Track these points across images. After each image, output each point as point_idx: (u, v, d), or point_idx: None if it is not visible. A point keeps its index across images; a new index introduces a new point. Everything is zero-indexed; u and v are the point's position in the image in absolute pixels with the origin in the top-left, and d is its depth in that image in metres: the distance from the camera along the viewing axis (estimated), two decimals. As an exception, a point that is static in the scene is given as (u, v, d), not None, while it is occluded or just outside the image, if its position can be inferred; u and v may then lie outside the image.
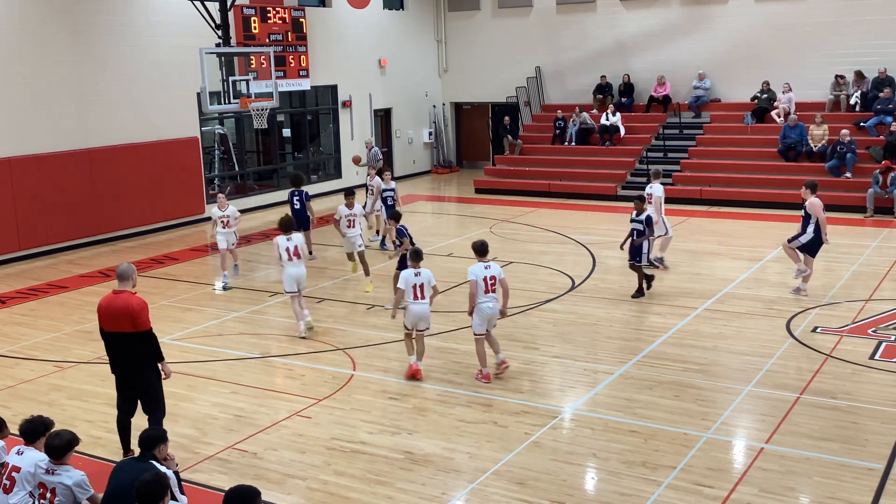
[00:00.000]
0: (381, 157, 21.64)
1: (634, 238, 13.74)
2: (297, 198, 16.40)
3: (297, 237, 12.38)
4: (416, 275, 10.41)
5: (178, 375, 10.81)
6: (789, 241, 13.67)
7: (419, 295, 10.35)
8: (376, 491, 7.80)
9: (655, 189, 15.27)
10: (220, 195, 15.97)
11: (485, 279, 10.21)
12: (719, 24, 24.66)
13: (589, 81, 26.53)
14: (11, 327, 13.19)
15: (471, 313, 10.36)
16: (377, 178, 18.35)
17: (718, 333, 11.86)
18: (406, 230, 13.21)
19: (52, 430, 6.64)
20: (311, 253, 16.65)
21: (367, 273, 14.73)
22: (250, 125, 21.78)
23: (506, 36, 27.99)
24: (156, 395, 8.27)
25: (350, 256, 15.04)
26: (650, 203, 14.95)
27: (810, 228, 13.36)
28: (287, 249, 12.13)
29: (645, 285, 13.83)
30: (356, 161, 21.21)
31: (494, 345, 10.52)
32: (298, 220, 15.29)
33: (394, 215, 13.44)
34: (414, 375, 10.49)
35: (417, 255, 10.79)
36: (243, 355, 11.58)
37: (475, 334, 10.40)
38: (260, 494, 5.47)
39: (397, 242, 13.14)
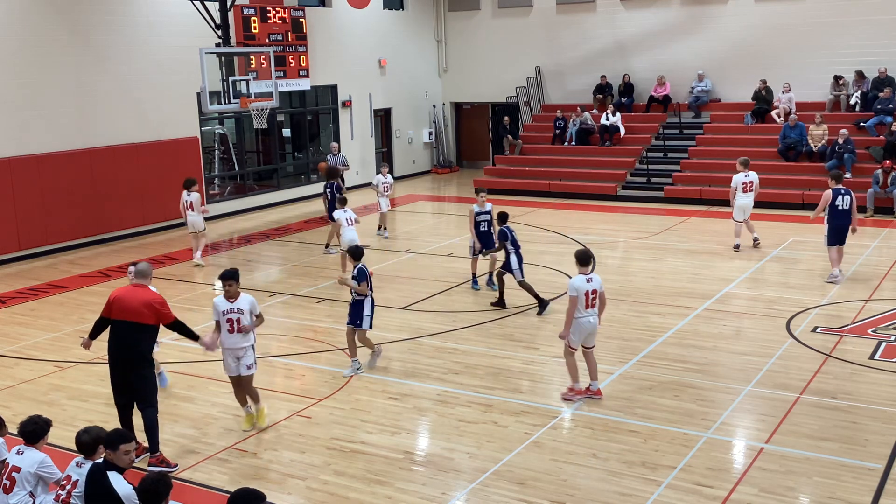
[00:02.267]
0: (347, 161, 21.42)
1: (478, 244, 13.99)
2: (329, 189, 17.92)
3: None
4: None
5: (178, 375, 10.82)
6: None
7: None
8: (376, 491, 7.80)
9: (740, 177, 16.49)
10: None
11: (587, 294, 9.35)
12: (719, 24, 24.66)
13: (589, 81, 26.53)
14: (11, 327, 13.19)
15: (567, 335, 9.52)
16: (378, 176, 19.11)
17: (718, 333, 11.86)
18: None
19: (81, 428, 6.62)
20: (327, 245, 17.75)
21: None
22: (250, 125, 21.78)
23: (506, 36, 27.99)
24: (150, 390, 8.38)
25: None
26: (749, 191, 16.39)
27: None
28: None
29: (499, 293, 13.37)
30: (322, 169, 20.65)
31: (593, 369, 9.70)
32: (330, 211, 17.37)
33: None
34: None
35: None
36: (243, 355, 11.56)
37: (570, 348, 9.58)
38: (265, 498, 5.33)
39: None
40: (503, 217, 13.28)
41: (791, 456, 8.21)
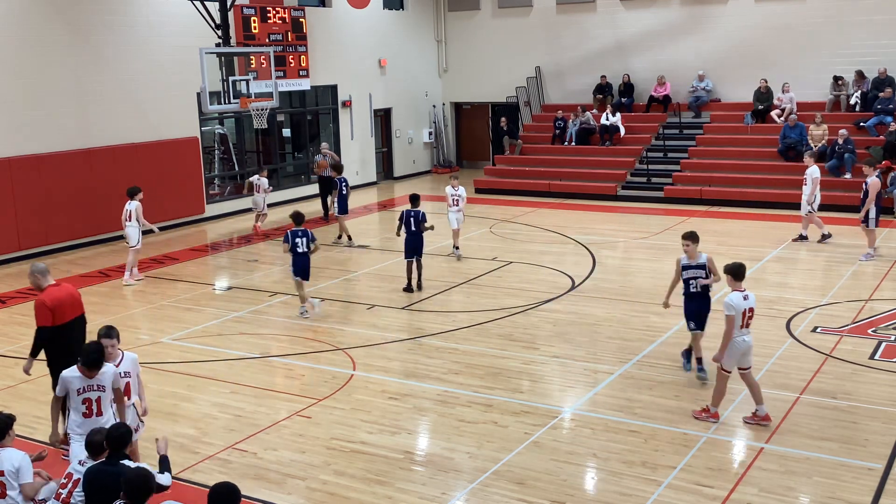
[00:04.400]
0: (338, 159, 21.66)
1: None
2: (344, 184, 18.40)
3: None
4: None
5: (178, 375, 10.83)
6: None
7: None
8: (376, 491, 7.80)
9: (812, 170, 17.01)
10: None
11: (744, 313, 8.70)
12: (719, 24, 24.65)
13: (589, 81, 26.53)
14: (11, 327, 13.19)
15: (721, 358, 8.81)
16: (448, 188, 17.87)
17: (718, 333, 11.81)
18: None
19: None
20: (343, 237, 18.43)
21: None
22: (250, 125, 21.78)
23: (506, 36, 27.99)
24: None
25: None
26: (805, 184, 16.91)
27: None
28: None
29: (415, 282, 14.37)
30: (323, 167, 20.74)
31: (756, 392, 8.95)
32: (341, 205, 18.24)
33: None
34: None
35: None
36: (243, 355, 11.58)
37: (725, 370, 8.87)
38: (240, 492, 5.42)
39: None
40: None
41: (791, 456, 8.21)
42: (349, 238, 18.33)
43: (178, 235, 20.01)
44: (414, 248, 14.30)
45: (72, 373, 7.13)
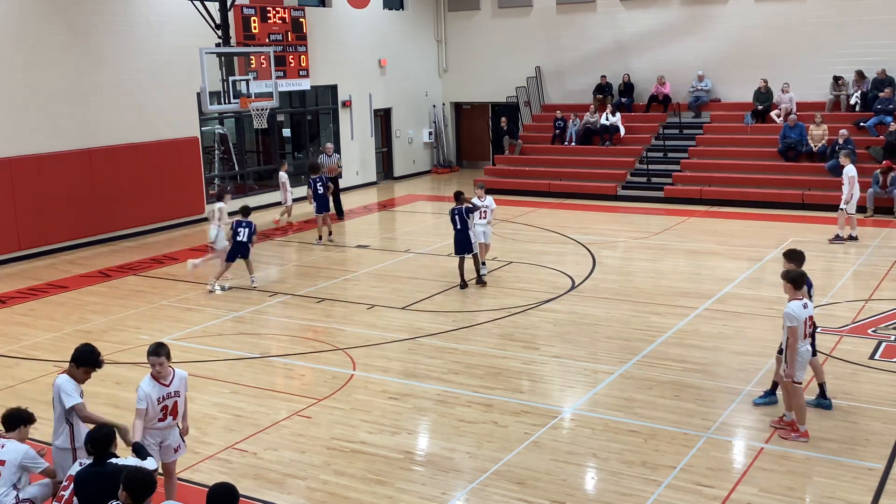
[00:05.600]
0: (341, 163, 21.86)
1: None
2: (320, 183, 18.56)
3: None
4: (804, 306, 8.36)
5: (178, 375, 10.82)
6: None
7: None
8: (376, 491, 7.80)
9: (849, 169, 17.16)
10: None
11: (804, 322, 8.33)
12: (719, 24, 24.65)
13: (589, 81, 26.52)
14: (11, 327, 13.19)
15: (793, 373, 8.35)
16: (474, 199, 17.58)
17: (718, 333, 11.86)
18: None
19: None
20: (323, 237, 18.72)
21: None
22: (250, 125, 21.77)
23: (506, 36, 27.99)
24: None
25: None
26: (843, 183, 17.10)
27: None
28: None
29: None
30: (332, 171, 20.70)
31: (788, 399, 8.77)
32: (321, 204, 18.41)
33: None
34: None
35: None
36: (243, 355, 11.58)
37: (796, 382, 8.42)
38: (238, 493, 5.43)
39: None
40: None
41: (791, 456, 8.21)
42: (319, 237, 18.61)
43: (178, 235, 20.02)
44: (463, 245, 14.29)
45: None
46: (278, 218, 20.58)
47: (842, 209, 17.03)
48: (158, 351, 7.01)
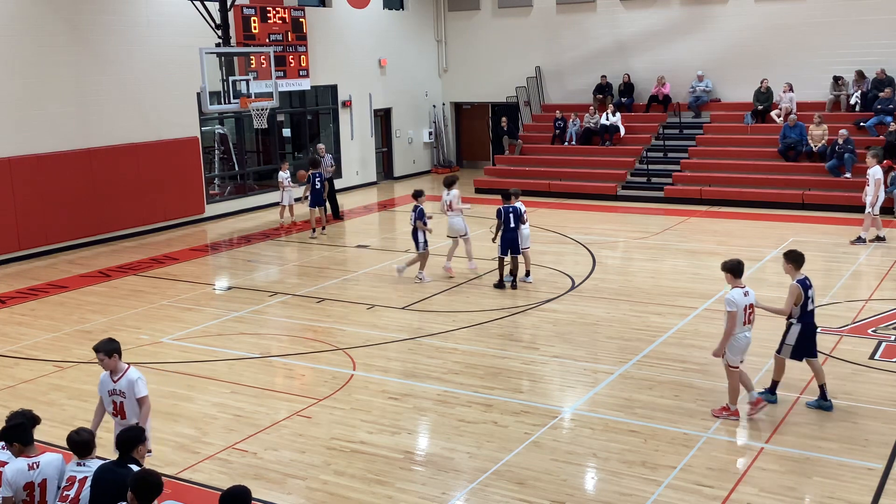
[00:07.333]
0: (332, 163, 21.76)
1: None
2: (318, 179, 19.13)
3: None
4: (745, 294, 8.88)
5: (178, 375, 10.83)
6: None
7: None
8: (376, 491, 7.80)
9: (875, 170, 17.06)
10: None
11: (745, 308, 8.82)
12: (719, 24, 24.65)
13: (589, 81, 26.52)
14: (11, 327, 13.19)
15: (721, 353, 8.98)
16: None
17: (718, 333, 11.80)
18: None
19: (74, 429, 6.51)
20: (316, 230, 19.33)
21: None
22: (250, 125, 21.77)
23: (506, 36, 27.98)
24: None
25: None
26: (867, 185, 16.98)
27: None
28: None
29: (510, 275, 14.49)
30: (301, 178, 20.51)
31: (747, 381, 9.19)
32: (315, 198, 19.03)
33: None
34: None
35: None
36: (243, 355, 11.58)
37: (731, 367, 8.99)
38: (251, 494, 5.48)
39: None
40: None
41: (791, 456, 8.21)
42: (313, 230, 19.24)
43: (178, 235, 20.02)
44: (513, 246, 14.31)
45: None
46: (281, 220, 20.67)
47: (868, 211, 16.88)
48: (99, 346, 7.37)
